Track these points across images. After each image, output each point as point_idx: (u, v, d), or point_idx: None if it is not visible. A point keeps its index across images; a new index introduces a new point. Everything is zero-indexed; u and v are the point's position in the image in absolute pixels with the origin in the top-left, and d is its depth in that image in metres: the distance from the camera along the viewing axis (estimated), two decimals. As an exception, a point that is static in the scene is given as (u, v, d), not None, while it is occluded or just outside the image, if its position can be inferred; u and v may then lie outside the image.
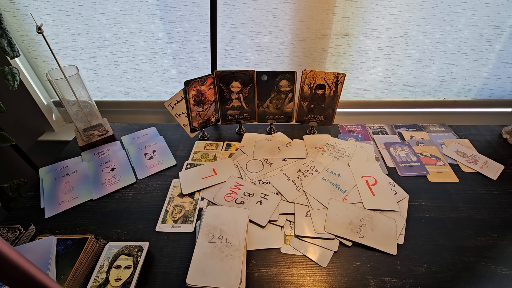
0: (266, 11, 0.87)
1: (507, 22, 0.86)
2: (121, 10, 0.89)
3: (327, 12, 0.86)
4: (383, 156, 0.79)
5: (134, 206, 0.68)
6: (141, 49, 0.97)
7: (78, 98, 0.77)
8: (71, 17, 0.91)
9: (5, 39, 0.74)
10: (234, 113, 0.86)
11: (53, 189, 0.71)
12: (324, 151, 0.80)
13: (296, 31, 0.91)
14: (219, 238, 0.50)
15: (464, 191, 0.69)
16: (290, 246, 0.58)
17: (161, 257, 0.57)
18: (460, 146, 0.81)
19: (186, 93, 0.75)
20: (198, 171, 0.75)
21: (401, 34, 0.90)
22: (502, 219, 0.62)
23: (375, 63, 0.97)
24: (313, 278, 0.53)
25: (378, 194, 0.67)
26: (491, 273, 0.53)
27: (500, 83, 1.00)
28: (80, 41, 0.96)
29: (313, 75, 0.77)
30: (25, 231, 0.60)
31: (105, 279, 0.50)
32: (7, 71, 0.77)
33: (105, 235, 0.61)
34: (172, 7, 0.88)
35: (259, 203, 0.65)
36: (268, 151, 0.80)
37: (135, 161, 0.79)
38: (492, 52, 0.93)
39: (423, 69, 0.98)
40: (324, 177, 0.71)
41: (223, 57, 0.97)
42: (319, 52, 0.95)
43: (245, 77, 0.79)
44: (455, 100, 1.05)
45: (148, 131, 0.92)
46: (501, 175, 0.72)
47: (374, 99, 1.07)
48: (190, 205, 0.67)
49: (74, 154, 0.83)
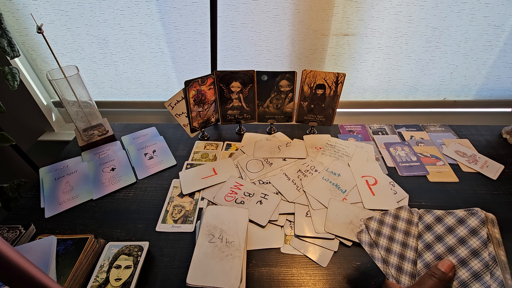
0: (266, 11, 0.87)
1: (507, 22, 0.86)
2: (121, 11, 0.89)
3: (327, 12, 0.86)
4: (383, 156, 0.79)
5: (134, 206, 0.68)
6: (141, 49, 0.97)
7: (78, 98, 0.77)
8: (70, 17, 0.91)
9: (5, 39, 0.74)
10: (234, 113, 0.86)
11: (53, 189, 0.71)
12: (324, 151, 0.80)
13: (296, 31, 0.91)
14: (219, 238, 0.50)
15: (464, 191, 0.69)
16: (290, 246, 0.58)
17: (161, 257, 0.57)
18: (460, 146, 0.81)
19: (186, 93, 0.75)
20: (198, 171, 0.75)
21: (401, 34, 0.90)
22: (502, 219, 0.62)
23: (375, 63, 0.97)
24: (313, 278, 0.53)
25: (378, 194, 0.67)
26: (491, 273, 0.53)
27: (500, 83, 1.00)
28: (79, 42, 0.96)
29: (313, 75, 0.77)
30: (25, 231, 0.60)
31: (105, 279, 0.50)
32: (7, 71, 0.77)
33: (105, 235, 0.61)
34: (172, 7, 0.88)
35: (259, 203, 0.65)
36: (268, 151, 0.80)
37: (135, 161, 0.79)
38: (492, 52, 0.93)
39: (423, 69, 0.98)
40: (324, 177, 0.71)
41: (223, 57, 0.97)
42: (319, 52, 0.95)
43: (245, 77, 0.79)
44: (455, 100, 1.05)
45: (148, 131, 0.92)
46: (501, 175, 0.72)
47: (374, 99, 1.07)
48: (190, 205, 0.67)
49: (74, 154, 0.83)
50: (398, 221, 0.48)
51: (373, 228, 0.48)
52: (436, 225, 0.44)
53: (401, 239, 0.46)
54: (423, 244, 0.45)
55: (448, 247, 0.42)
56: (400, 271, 0.44)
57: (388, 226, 0.48)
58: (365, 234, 0.48)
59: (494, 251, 0.39)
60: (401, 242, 0.46)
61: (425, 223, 0.46)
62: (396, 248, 0.46)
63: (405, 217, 0.47)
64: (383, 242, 0.47)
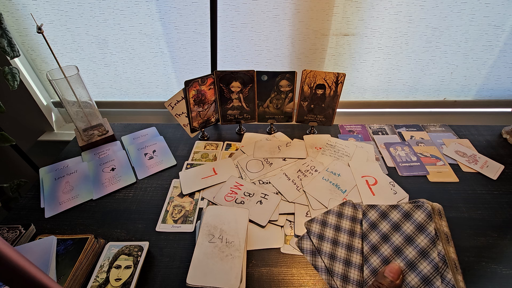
0: (266, 11, 0.87)
1: (507, 22, 0.86)
2: (121, 11, 0.89)
3: (327, 12, 0.86)
4: (383, 156, 0.79)
5: (134, 206, 0.68)
6: (140, 49, 0.97)
7: (78, 98, 0.77)
8: (70, 17, 0.91)
9: (5, 39, 0.74)
10: (234, 113, 0.86)
11: (53, 189, 0.71)
12: (324, 151, 0.80)
13: (296, 31, 0.91)
14: (219, 238, 0.50)
15: (464, 191, 0.69)
16: (290, 246, 0.58)
17: (161, 257, 0.57)
18: (460, 146, 0.81)
19: (186, 93, 0.75)
20: (198, 171, 0.75)
21: (401, 34, 0.90)
22: (502, 219, 0.62)
23: (375, 63, 0.97)
24: (313, 278, 0.53)
25: (378, 194, 0.67)
26: (491, 273, 0.53)
27: (500, 83, 1.00)
28: (79, 42, 0.96)
29: (313, 75, 0.77)
30: (25, 231, 0.60)
31: (105, 279, 0.50)
32: (7, 71, 0.77)
33: (105, 235, 0.61)
34: (172, 7, 0.88)
35: (259, 203, 0.65)
36: (268, 151, 0.80)
37: (135, 161, 0.79)
38: (492, 52, 0.93)
39: (423, 69, 0.98)
40: (324, 177, 0.71)
41: (223, 57, 0.97)
42: (319, 52, 0.95)
43: (245, 77, 0.79)
44: (455, 100, 1.05)
45: (148, 131, 0.92)
46: (501, 175, 0.72)
47: (374, 99, 1.07)
48: (190, 205, 0.67)
49: (74, 154, 0.83)
50: (342, 220, 0.45)
51: (315, 233, 0.44)
52: (381, 222, 0.42)
53: (346, 242, 0.43)
54: (368, 246, 0.42)
55: (395, 248, 0.39)
56: (346, 281, 0.41)
57: (331, 227, 0.44)
58: (306, 240, 0.44)
59: (444, 249, 0.37)
60: (346, 245, 0.43)
61: (369, 221, 0.43)
62: (341, 253, 0.43)
63: (349, 214, 0.45)
64: (326, 248, 0.43)
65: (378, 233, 0.41)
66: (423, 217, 0.38)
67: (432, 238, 0.36)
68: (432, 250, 0.36)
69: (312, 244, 0.43)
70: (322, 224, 0.45)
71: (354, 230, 0.43)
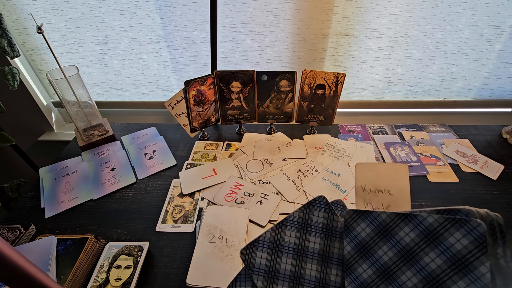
0: (266, 11, 0.87)
1: (507, 22, 0.86)
2: (121, 11, 0.89)
3: (327, 12, 0.86)
4: (383, 156, 0.79)
5: (134, 206, 0.68)
6: (140, 49, 0.97)
7: (78, 98, 0.77)
8: (70, 17, 0.90)
9: (5, 39, 0.74)
10: (234, 113, 0.86)
11: (53, 189, 0.71)
12: (324, 151, 0.80)
13: (296, 31, 0.91)
14: (219, 238, 0.50)
15: (464, 191, 0.69)
16: (290, 246, 0.58)
17: (161, 257, 0.57)
18: (460, 146, 0.81)
19: (186, 93, 0.75)
20: (198, 171, 0.75)
21: (401, 34, 0.90)
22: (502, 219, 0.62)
23: (375, 63, 0.97)
24: (313, 278, 0.53)
25: (378, 194, 0.67)
26: (491, 273, 0.53)
27: (500, 83, 1.00)
28: (79, 42, 0.96)
29: (313, 75, 0.77)
30: (25, 231, 0.60)
31: (105, 279, 0.50)
32: (7, 71, 0.77)
33: (105, 235, 0.61)
34: (172, 7, 0.88)
35: (259, 203, 0.65)
36: (268, 151, 0.80)
37: (135, 161, 0.79)
38: (492, 52, 0.93)
39: (423, 69, 0.98)
40: (324, 177, 0.71)
41: (223, 57, 0.97)
42: (319, 52, 0.95)
43: (245, 77, 0.79)
44: (455, 100, 1.05)
45: (148, 131, 0.92)
46: (501, 175, 0.72)
47: (374, 99, 1.07)
48: (190, 205, 0.67)
49: (74, 154, 0.83)
50: (308, 235, 0.30)
51: (259, 269, 0.30)
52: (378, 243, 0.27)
53: (315, 275, 0.29)
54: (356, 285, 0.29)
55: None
56: None
57: (290, 251, 0.30)
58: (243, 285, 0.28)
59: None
60: (314, 282, 0.29)
61: (357, 240, 0.28)
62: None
63: (321, 223, 0.30)
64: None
65: (374, 263, 0.24)
66: (467, 243, 0.20)
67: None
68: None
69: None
70: (273, 248, 0.28)
71: (328, 252, 0.27)
